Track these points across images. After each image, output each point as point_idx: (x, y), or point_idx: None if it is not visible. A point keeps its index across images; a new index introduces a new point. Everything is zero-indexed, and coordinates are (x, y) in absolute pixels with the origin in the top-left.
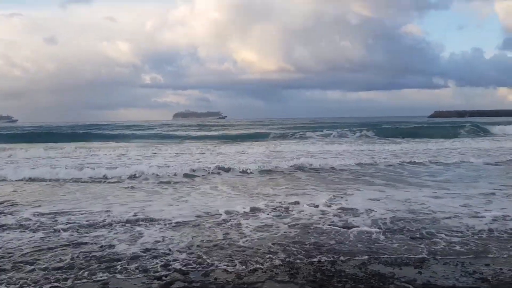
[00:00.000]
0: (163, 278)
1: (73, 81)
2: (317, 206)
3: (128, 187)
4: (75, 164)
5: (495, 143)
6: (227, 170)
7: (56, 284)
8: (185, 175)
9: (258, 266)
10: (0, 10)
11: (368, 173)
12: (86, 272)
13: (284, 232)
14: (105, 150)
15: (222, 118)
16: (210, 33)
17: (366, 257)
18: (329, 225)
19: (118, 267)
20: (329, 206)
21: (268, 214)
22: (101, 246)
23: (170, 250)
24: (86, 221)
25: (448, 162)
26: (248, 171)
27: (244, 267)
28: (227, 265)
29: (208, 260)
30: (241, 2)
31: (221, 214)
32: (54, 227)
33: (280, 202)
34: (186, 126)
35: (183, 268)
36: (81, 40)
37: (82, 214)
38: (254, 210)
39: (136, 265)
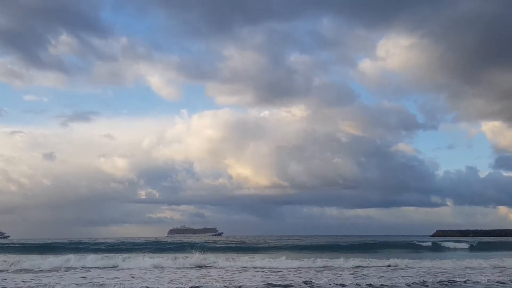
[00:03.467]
0: None
1: (68, 197)
2: None
3: None
4: None
5: None
6: None
7: None
8: None
9: None
10: (3, 128)
11: None
12: None
13: None
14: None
15: (218, 235)
16: (206, 150)
17: None
18: None
19: None
20: None
21: None
22: None
23: None
24: None
25: None
26: None
27: None
28: None
29: None
30: (235, 120)
31: None
32: None
33: None
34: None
35: None
36: (79, 156)
37: None
38: None
39: None
